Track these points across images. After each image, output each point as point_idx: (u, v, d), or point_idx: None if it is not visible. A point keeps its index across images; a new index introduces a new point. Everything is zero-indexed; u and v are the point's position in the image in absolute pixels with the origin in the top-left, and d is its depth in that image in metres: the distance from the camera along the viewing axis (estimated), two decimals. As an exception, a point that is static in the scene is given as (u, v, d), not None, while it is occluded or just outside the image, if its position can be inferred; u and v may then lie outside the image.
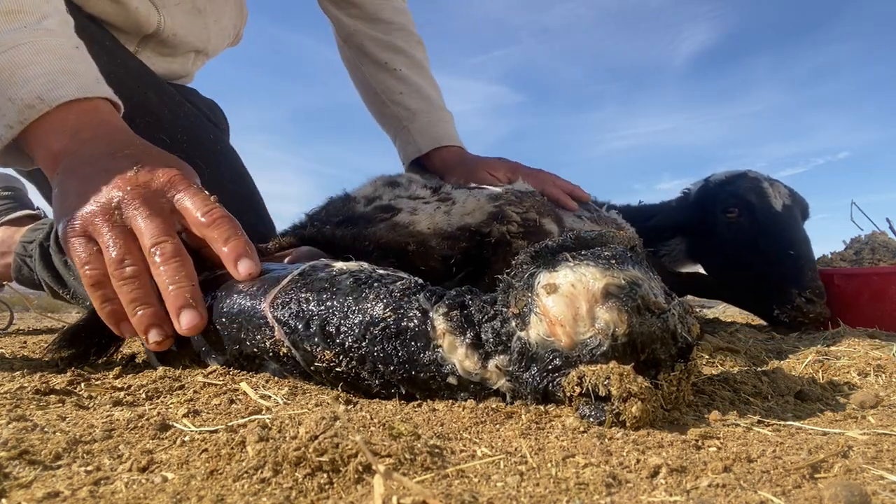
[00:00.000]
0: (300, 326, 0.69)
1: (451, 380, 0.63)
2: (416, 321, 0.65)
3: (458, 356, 0.62)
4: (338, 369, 0.68)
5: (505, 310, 0.62)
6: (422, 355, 0.64)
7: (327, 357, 0.68)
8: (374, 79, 1.78)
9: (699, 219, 1.71)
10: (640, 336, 0.57)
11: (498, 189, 1.19)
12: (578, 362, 0.57)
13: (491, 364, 0.61)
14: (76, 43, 0.90)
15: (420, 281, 0.72)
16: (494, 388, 0.62)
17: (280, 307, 0.71)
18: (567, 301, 0.58)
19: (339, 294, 0.70)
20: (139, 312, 0.73)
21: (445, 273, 1.03)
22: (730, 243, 1.64)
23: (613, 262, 0.60)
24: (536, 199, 1.21)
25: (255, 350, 0.73)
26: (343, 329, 0.67)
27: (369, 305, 0.68)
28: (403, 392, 0.66)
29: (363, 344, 0.66)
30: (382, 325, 0.66)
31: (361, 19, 1.78)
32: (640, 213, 1.81)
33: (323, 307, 0.69)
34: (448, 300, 0.66)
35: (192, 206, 0.77)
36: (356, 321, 0.67)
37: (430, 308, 0.65)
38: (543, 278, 0.60)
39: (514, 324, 0.61)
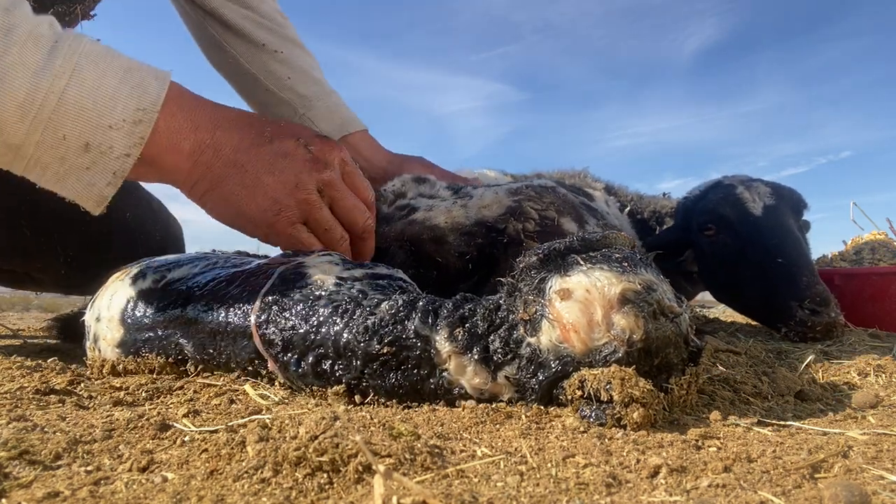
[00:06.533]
0: (292, 364, 0.68)
1: (460, 398, 0.62)
2: (417, 350, 0.62)
3: (468, 376, 0.61)
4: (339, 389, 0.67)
5: (512, 316, 0.60)
6: (426, 382, 0.62)
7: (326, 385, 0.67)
8: (251, 63, 1.47)
9: (687, 239, 1.55)
10: (656, 341, 0.56)
11: (517, 184, 1.17)
12: (591, 368, 0.56)
13: (500, 376, 0.60)
14: (90, 38, 0.76)
15: (406, 298, 0.67)
16: (505, 399, 0.61)
17: (269, 346, 0.69)
18: (582, 307, 0.56)
19: (324, 324, 0.67)
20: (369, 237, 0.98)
21: (462, 271, 1.02)
22: (719, 262, 1.46)
23: (626, 264, 0.58)
24: (557, 196, 1.15)
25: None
26: (337, 367, 0.65)
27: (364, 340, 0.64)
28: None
29: (363, 378, 0.64)
30: (382, 360, 0.63)
31: None
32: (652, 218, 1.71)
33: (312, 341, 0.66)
34: (448, 317, 0.63)
35: (360, 185, 0.96)
36: (350, 354, 0.64)
37: (430, 333, 0.62)
38: (556, 283, 0.58)
39: (522, 330, 0.59)
